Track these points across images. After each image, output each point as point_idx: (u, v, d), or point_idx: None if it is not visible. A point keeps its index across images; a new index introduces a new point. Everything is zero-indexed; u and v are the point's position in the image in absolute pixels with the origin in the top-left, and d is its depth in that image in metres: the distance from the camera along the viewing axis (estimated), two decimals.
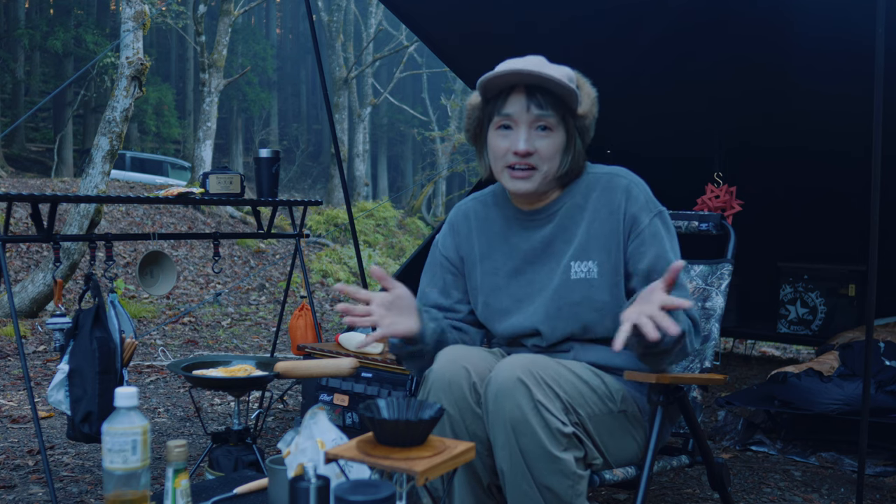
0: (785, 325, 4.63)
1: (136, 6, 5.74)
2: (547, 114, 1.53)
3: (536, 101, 1.52)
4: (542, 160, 1.55)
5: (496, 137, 1.58)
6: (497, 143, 1.57)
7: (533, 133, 1.54)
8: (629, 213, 1.56)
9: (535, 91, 1.52)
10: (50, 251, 5.99)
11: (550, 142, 1.54)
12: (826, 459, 2.92)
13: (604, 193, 1.59)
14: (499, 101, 1.55)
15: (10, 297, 2.33)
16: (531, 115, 1.53)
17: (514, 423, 1.36)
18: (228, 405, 3.62)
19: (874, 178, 2.16)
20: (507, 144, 1.56)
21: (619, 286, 1.57)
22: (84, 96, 18.76)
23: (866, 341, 2.20)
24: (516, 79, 1.52)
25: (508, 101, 1.54)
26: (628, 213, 1.56)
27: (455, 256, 1.73)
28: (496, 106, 1.56)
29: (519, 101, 1.53)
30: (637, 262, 1.55)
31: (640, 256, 1.55)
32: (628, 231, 1.56)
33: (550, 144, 1.55)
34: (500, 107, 1.55)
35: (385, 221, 13.40)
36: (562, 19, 3.60)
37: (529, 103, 1.52)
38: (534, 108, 1.52)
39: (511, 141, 1.55)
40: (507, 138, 1.56)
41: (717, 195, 3.96)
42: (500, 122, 1.56)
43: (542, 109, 1.52)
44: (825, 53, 3.27)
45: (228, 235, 3.22)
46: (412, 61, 21.15)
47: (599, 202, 1.59)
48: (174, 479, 1.22)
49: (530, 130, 1.54)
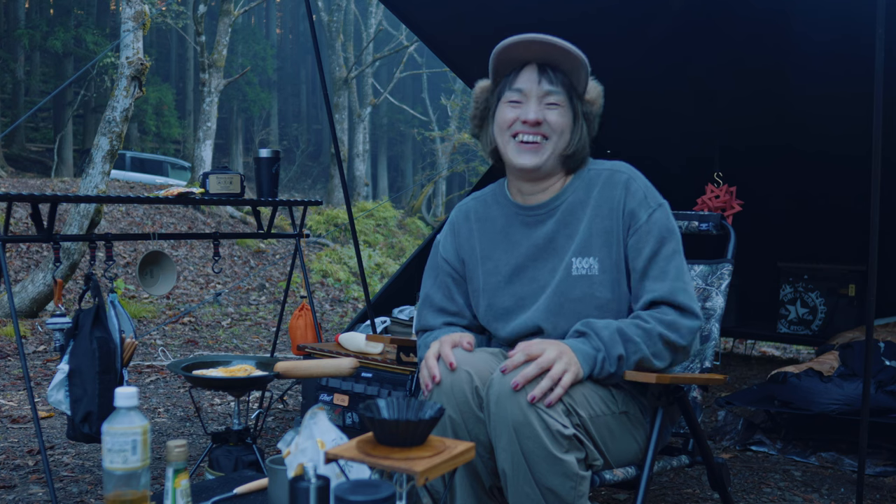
0: (785, 325, 4.63)
1: (136, 6, 5.74)
2: (557, 90, 1.56)
3: (548, 76, 1.56)
4: (553, 131, 1.57)
5: (505, 109, 1.60)
6: (505, 114, 1.59)
7: (543, 106, 1.57)
8: (627, 208, 1.57)
9: (546, 67, 1.56)
10: (50, 251, 5.99)
11: (560, 115, 1.57)
12: (826, 459, 2.92)
13: (604, 189, 1.60)
14: (509, 77, 1.59)
15: (10, 297, 2.32)
16: (542, 89, 1.56)
17: (516, 426, 1.36)
18: (228, 405, 3.62)
19: (874, 178, 2.16)
20: (515, 114, 1.58)
21: (620, 283, 1.57)
22: (84, 96, 18.76)
23: (866, 341, 2.20)
24: (529, 52, 1.55)
25: (520, 77, 1.58)
26: (627, 209, 1.57)
27: (456, 260, 1.73)
28: (507, 82, 1.59)
29: (530, 77, 1.57)
30: (634, 259, 1.55)
31: (637, 253, 1.55)
32: (627, 227, 1.57)
33: (560, 116, 1.57)
34: (512, 82, 1.58)
35: (385, 221, 13.39)
36: (562, 19, 3.59)
37: (541, 77, 1.56)
38: (545, 82, 1.56)
39: (521, 111, 1.58)
40: (516, 110, 1.58)
41: (717, 195, 3.96)
42: (510, 98, 1.59)
43: (553, 85, 1.56)
44: (825, 54, 3.27)
45: (228, 235, 3.22)
46: (412, 61, 21.15)
47: (601, 198, 1.59)
48: (174, 479, 1.22)
49: (540, 104, 1.57)
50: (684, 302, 1.51)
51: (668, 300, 1.51)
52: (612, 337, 1.47)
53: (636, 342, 1.48)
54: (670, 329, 1.50)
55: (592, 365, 1.45)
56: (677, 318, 1.51)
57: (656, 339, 1.49)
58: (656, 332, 1.49)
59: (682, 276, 1.54)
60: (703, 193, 4.03)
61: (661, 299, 1.52)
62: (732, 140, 4.30)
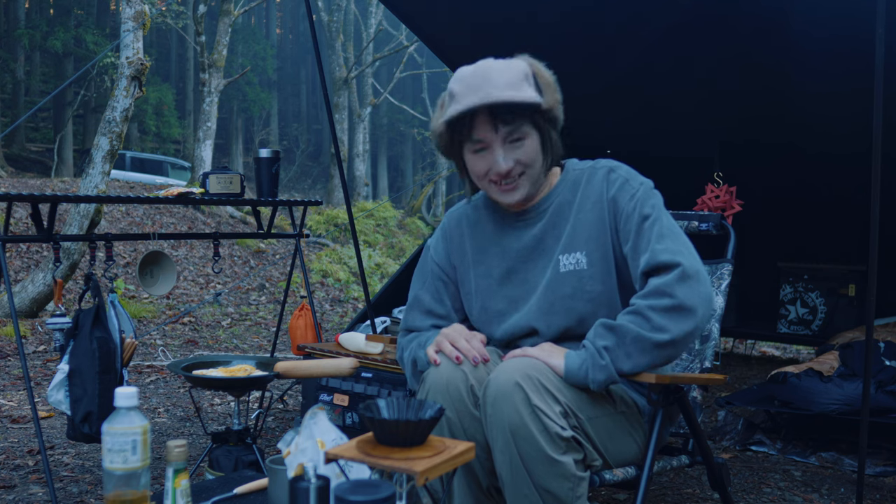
0: (785, 325, 4.63)
1: (136, 6, 5.74)
2: (515, 127, 1.51)
3: (503, 118, 1.50)
4: (525, 166, 1.55)
5: (474, 160, 1.57)
6: (477, 166, 1.57)
7: (508, 147, 1.53)
8: (609, 196, 1.56)
9: (498, 109, 1.50)
10: (50, 251, 5.98)
11: (527, 149, 1.54)
12: (826, 459, 2.92)
13: (588, 185, 1.60)
14: (464, 127, 1.53)
15: (10, 297, 2.32)
16: (501, 133, 1.52)
17: (513, 428, 1.36)
18: (228, 405, 3.62)
19: (874, 177, 2.16)
20: (486, 166, 1.55)
21: (611, 275, 1.56)
22: (84, 96, 18.76)
23: (866, 341, 2.20)
24: (476, 104, 1.48)
25: (475, 127, 1.52)
26: (609, 198, 1.56)
27: (447, 264, 1.73)
28: (464, 134, 1.54)
29: (485, 125, 1.51)
30: (625, 243, 1.54)
31: (626, 236, 1.54)
32: (613, 215, 1.56)
33: (528, 150, 1.54)
34: (468, 133, 1.53)
35: (385, 221, 13.39)
36: (562, 19, 3.60)
37: (496, 123, 1.51)
38: (501, 126, 1.51)
39: (489, 162, 1.54)
40: (485, 159, 1.55)
41: (717, 195, 3.96)
42: (473, 148, 1.55)
43: (510, 125, 1.51)
44: (826, 53, 3.27)
45: (228, 235, 3.22)
46: (412, 61, 21.15)
47: (584, 194, 1.60)
48: (174, 479, 1.22)
49: (504, 146, 1.53)
50: (666, 259, 1.45)
51: (651, 266, 1.47)
52: (595, 331, 1.47)
53: (622, 325, 1.44)
54: (657, 296, 1.44)
55: (580, 364, 1.43)
56: (660, 279, 1.44)
57: (646, 314, 1.43)
58: (643, 307, 1.44)
59: (663, 237, 1.49)
60: (703, 193, 4.03)
61: (647, 269, 1.47)
62: (732, 137, 4.30)
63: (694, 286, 1.43)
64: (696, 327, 1.44)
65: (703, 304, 1.44)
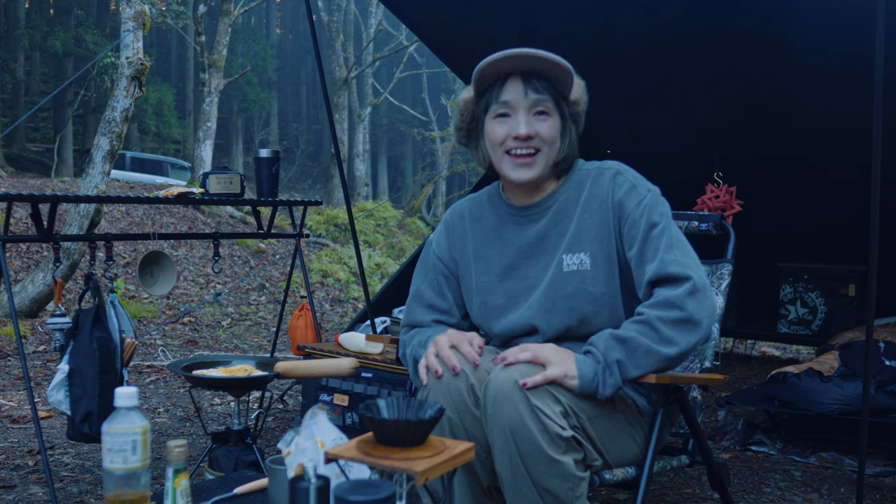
0: (785, 325, 4.63)
1: (136, 6, 5.75)
2: (544, 98, 1.55)
3: (533, 86, 1.54)
4: (544, 142, 1.56)
5: (494, 125, 1.59)
6: (495, 131, 1.58)
7: (531, 118, 1.56)
8: (615, 199, 1.57)
9: (531, 77, 1.55)
10: (50, 251, 5.99)
11: (550, 125, 1.56)
12: (826, 459, 2.92)
13: (594, 186, 1.60)
14: (494, 89, 1.57)
15: (10, 297, 2.32)
16: (529, 100, 1.54)
17: (513, 428, 1.36)
18: (228, 405, 3.62)
19: (874, 177, 2.16)
20: (505, 130, 1.57)
21: (614, 277, 1.56)
22: (84, 96, 18.76)
23: (866, 341, 2.20)
24: (513, 64, 1.53)
25: (505, 89, 1.56)
26: (615, 201, 1.57)
27: (448, 258, 1.73)
28: (492, 95, 1.57)
29: (516, 88, 1.55)
30: (630, 248, 1.55)
31: (631, 241, 1.54)
32: (618, 218, 1.56)
33: (550, 127, 1.56)
34: (497, 95, 1.56)
35: (385, 221, 13.39)
36: (564, 18, 3.60)
37: (526, 89, 1.54)
38: (531, 92, 1.54)
39: (510, 126, 1.56)
40: (506, 124, 1.57)
41: (717, 195, 3.96)
42: (497, 111, 1.57)
43: (539, 94, 1.54)
44: (826, 52, 3.28)
45: (228, 235, 3.22)
46: (412, 61, 21.14)
47: (590, 194, 1.60)
48: (174, 479, 1.22)
49: (529, 115, 1.56)
50: (676, 272, 1.46)
51: (660, 276, 1.47)
52: (607, 343, 1.46)
53: (633, 337, 1.44)
54: (666, 308, 1.44)
55: (592, 377, 1.43)
56: (671, 291, 1.45)
57: (656, 325, 1.44)
58: (652, 318, 1.44)
59: (672, 248, 1.49)
60: (703, 193, 4.03)
61: (654, 278, 1.48)
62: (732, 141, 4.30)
63: (702, 300, 1.46)
64: (700, 339, 1.47)
65: (708, 317, 1.48)
